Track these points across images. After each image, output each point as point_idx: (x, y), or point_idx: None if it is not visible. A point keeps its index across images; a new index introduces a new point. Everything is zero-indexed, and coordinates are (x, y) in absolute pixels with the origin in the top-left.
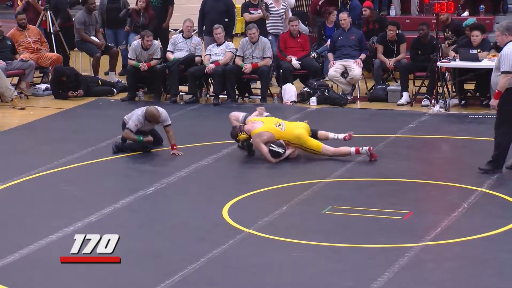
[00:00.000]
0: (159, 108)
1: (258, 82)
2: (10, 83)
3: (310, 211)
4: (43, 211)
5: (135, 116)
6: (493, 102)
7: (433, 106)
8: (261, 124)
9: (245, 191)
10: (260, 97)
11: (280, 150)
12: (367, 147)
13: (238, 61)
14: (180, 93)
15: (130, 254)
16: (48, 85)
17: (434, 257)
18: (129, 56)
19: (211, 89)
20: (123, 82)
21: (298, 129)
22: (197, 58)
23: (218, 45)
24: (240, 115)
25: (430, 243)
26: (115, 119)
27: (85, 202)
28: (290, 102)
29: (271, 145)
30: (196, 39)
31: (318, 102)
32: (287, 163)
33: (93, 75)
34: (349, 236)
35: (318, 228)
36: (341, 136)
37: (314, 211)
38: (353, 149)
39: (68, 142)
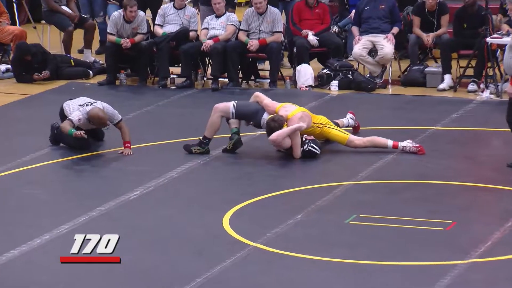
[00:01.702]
0: (102, 105)
1: (267, 62)
2: None
3: (331, 221)
4: (2, 219)
5: (79, 111)
6: (510, 89)
7: (482, 92)
8: (295, 106)
9: (251, 195)
10: (269, 80)
11: (318, 151)
12: (410, 142)
13: (242, 36)
14: (171, 76)
15: (110, 273)
16: (9, 66)
17: (484, 277)
18: (108, 31)
19: (209, 71)
20: (100, 62)
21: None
22: (191, 33)
23: (218, 17)
24: (229, 106)
25: (478, 260)
26: None
27: (54, 209)
28: (306, 86)
29: (311, 143)
30: (190, 10)
31: (340, 87)
32: (302, 161)
33: (64, 53)
34: (378, 251)
35: (340, 241)
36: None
37: (336, 221)
38: (390, 142)
39: (33, 136)
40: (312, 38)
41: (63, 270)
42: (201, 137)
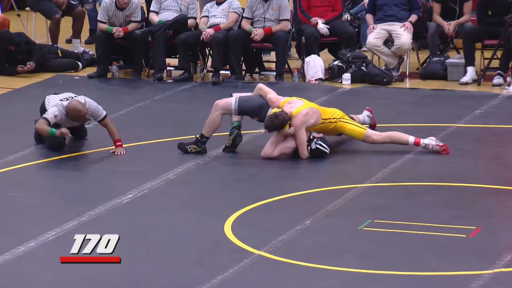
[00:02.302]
0: (84, 99)
1: (273, 53)
2: None
3: (342, 227)
4: None
5: (56, 106)
6: None
7: (508, 86)
8: (301, 102)
9: (255, 199)
10: (274, 73)
11: (328, 150)
12: (433, 140)
13: (246, 24)
14: (168, 68)
15: (101, 284)
16: None
17: None
18: (98, 18)
19: (209, 63)
20: (91, 52)
21: (330, 108)
22: (190, 21)
23: (218, 3)
24: (231, 103)
25: (504, 269)
26: None
27: (40, 213)
28: (316, 80)
29: (319, 141)
30: None
31: (353, 80)
32: (311, 162)
33: (50, 43)
34: (394, 260)
35: (352, 249)
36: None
37: (348, 227)
38: (412, 138)
39: (17, 134)
40: (322, 27)
41: (49, 280)
42: (198, 135)
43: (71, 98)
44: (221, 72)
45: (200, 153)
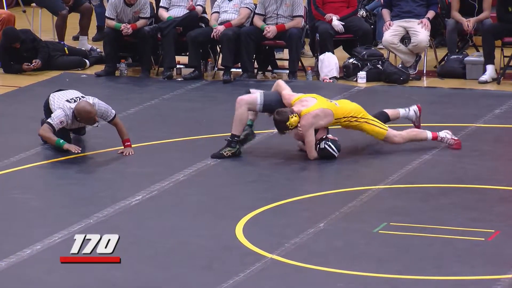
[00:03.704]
0: (93, 100)
1: (286, 51)
2: None
3: (357, 230)
4: None
5: (62, 112)
6: None
7: None
8: (315, 100)
9: (267, 201)
10: (288, 71)
11: (336, 154)
12: (449, 134)
13: (258, 21)
14: (178, 66)
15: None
16: None
17: None
18: (106, 15)
19: (220, 61)
20: (98, 50)
21: (352, 103)
22: (197, 8)
23: None
24: (256, 97)
25: None
26: None
27: (46, 215)
28: (330, 78)
29: (329, 142)
30: None
31: (369, 79)
32: (325, 163)
33: (57, 40)
34: (411, 264)
35: (367, 253)
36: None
37: (363, 230)
38: (429, 134)
39: (22, 134)
40: (337, 24)
41: (56, 283)
42: (228, 137)
43: (78, 98)
44: (233, 70)
45: (236, 154)
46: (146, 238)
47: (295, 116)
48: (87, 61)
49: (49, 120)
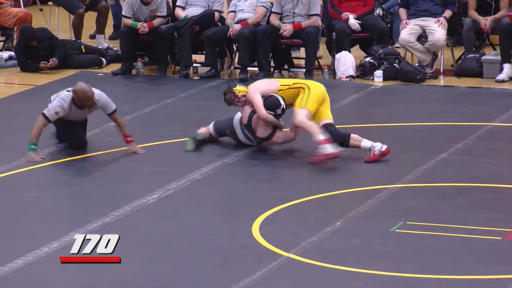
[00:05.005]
0: (95, 90)
1: (302, 50)
2: None
3: (374, 229)
4: (3, 226)
5: (58, 99)
6: None
7: None
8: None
9: (283, 200)
10: (304, 70)
11: (282, 102)
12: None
13: (274, 20)
14: (194, 65)
15: (122, 287)
16: (12, 53)
17: None
18: (123, 14)
19: (236, 59)
20: (115, 48)
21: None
22: (217, 15)
23: None
24: (209, 127)
25: None
26: None
27: (62, 214)
28: (347, 77)
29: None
30: None
31: (385, 78)
32: (341, 162)
33: (74, 39)
34: (427, 263)
35: (384, 252)
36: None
37: (379, 229)
38: (321, 137)
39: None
40: (353, 22)
41: (71, 282)
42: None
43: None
44: (249, 68)
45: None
46: (162, 236)
47: (243, 86)
48: (103, 59)
49: (45, 111)
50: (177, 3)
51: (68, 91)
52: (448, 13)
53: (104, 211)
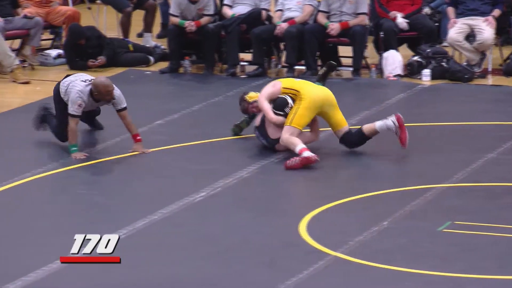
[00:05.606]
0: None
1: (349, 48)
2: (10, 47)
3: (421, 228)
4: (53, 221)
5: (75, 91)
6: None
7: None
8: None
9: (330, 199)
10: (352, 69)
11: (290, 100)
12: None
13: (322, 18)
14: (241, 63)
15: (171, 284)
16: (61, 51)
17: None
18: (170, 12)
19: (284, 58)
20: (162, 47)
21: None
22: (264, 14)
23: None
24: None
25: None
26: (152, 98)
27: (110, 211)
28: (394, 76)
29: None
30: None
31: (433, 77)
32: (387, 161)
33: (122, 37)
34: (476, 264)
35: (432, 252)
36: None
37: (427, 228)
38: (299, 147)
39: (88, 131)
40: (401, 21)
41: (118, 281)
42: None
43: (93, 79)
44: (296, 67)
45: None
46: (209, 235)
47: (255, 93)
48: (151, 58)
49: (70, 111)
50: (225, 2)
51: (83, 81)
52: (496, 12)
53: (151, 209)
